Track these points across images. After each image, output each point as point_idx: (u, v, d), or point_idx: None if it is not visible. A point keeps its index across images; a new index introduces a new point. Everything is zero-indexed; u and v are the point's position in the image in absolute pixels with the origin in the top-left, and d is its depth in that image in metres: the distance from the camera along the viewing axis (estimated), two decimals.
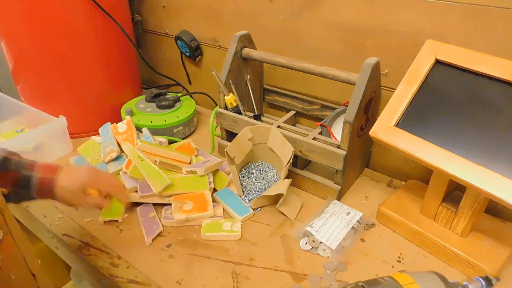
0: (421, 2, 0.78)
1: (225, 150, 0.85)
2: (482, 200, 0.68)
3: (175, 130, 1.08)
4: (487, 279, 0.52)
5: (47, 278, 0.56)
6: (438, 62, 0.72)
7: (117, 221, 0.81)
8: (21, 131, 1.12)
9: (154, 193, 0.83)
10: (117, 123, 1.03)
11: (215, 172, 0.92)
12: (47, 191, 0.69)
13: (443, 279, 0.47)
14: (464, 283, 0.50)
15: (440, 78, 0.71)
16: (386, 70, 0.88)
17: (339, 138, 0.84)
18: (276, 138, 0.87)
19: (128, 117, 1.03)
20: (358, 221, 0.79)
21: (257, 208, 0.85)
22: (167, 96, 1.14)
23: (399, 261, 0.73)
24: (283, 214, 0.83)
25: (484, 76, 0.67)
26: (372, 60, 0.76)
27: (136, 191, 0.86)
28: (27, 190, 0.67)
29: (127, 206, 0.84)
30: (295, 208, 0.85)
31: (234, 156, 0.86)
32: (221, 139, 1.04)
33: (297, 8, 0.96)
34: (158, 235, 0.78)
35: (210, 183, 0.88)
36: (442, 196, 0.74)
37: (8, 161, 0.67)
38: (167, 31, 1.29)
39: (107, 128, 1.02)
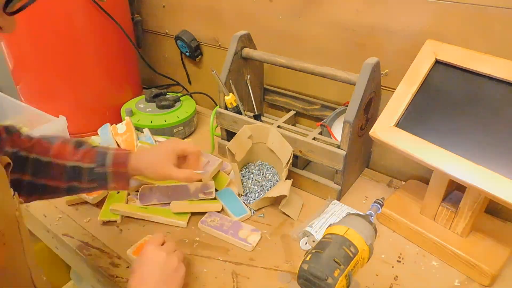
0: (421, 2, 0.78)
1: (226, 146, 0.85)
2: (482, 200, 0.68)
3: (175, 130, 1.08)
4: (379, 202, 0.60)
5: None
6: (438, 62, 0.72)
7: (116, 221, 0.81)
8: None
9: (156, 202, 0.84)
10: (116, 123, 1.03)
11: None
12: (122, 163, 0.67)
13: (360, 215, 0.53)
14: (368, 212, 0.57)
15: (440, 78, 0.71)
16: (386, 70, 0.88)
17: (339, 138, 0.84)
18: (275, 138, 0.87)
19: (127, 118, 1.03)
20: None
21: (261, 214, 0.84)
22: (167, 96, 1.15)
23: (399, 261, 0.73)
24: (285, 214, 0.83)
25: (484, 76, 0.67)
26: (372, 60, 0.76)
27: (137, 191, 0.86)
28: (103, 166, 0.66)
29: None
30: (297, 208, 0.85)
31: (235, 153, 0.86)
32: (221, 139, 1.03)
33: (297, 8, 0.96)
34: None
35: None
36: (442, 196, 0.74)
37: (83, 142, 0.69)
38: (167, 31, 1.29)
39: (106, 129, 1.02)
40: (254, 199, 0.86)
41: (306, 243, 0.75)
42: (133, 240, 0.77)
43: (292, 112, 1.04)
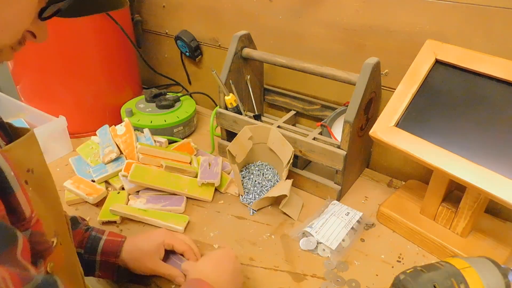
0: (421, 2, 0.78)
1: (227, 148, 0.85)
2: (482, 200, 0.68)
3: (175, 130, 1.08)
4: None
5: None
6: (438, 62, 0.72)
7: (115, 222, 0.81)
8: None
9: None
10: (116, 124, 1.03)
11: None
12: (112, 253, 0.65)
13: (496, 263, 0.47)
14: None
15: (440, 78, 0.71)
16: (386, 70, 0.88)
17: (339, 138, 0.84)
18: (276, 138, 0.87)
19: (126, 119, 1.03)
20: (358, 221, 0.79)
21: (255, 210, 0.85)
22: (167, 96, 1.14)
23: (399, 261, 0.73)
24: (285, 214, 0.83)
25: (484, 76, 0.67)
26: (372, 60, 0.76)
27: (138, 192, 0.87)
28: (92, 252, 0.65)
29: None
30: (297, 208, 0.85)
31: (236, 155, 0.86)
32: (221, 139, 1.03)
33: (297, 8, 0.96)
34: None
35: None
36: (442, 196, 0.74)
37: (78, 222, 0.68)
38: (167, 31, 1.29)
39: (105, 130, 1.02)
40: (254, 199, 0.86)
41: (305, 243, 0.75)
42: None
43: (292, 112, 1.04)
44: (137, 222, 0.81)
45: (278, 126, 0.91)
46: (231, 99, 0.94)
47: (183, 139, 1.09)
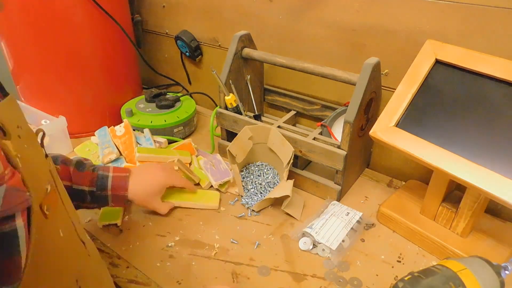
0: (421, 2, 0.78)
1: (227, 148, 0.85)
2: (482, 200, 0.68)
3: (175, 130, 1.08)
4: None
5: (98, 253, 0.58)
6: (438, 62, 0.72)
7: (115, 224, 0.81)
8: None
9: None
10: (116, 124, 1.03)
11: None
12: (121, 188, 0.74)
13: (488, 262, 0.48)
14: (503, 264, 0.50)
15: (440, 78, 0.71)
16: (386, 70, 0.88)
17: (339, 138, 0.84)
18: (276, 138, 0.87)
19: (126, 120, 1.03)
20: (358, 221, 0.79)
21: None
22: (167, 96, 1.14)
23: (399, 261, 0.73)
24: (286, 214, 0.83)
25: (484, 76, 0.67)
26: (372, 60, 0.76)
27: None
28: (103, 190, 0.73)
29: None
30: (299, 207, 0.85)
31: (236, 155, 0.86)
32: (221, 139, 1.03)
33: (297, 8, 0.96)
34: (159, 235, 0.79)
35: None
36: (442, 196, 0.74)
37: (83, 163, 0.74)
38: (167, 31, 1.29)
39: (104, 131, 1.02)
40: (252, 197, 0.86)
41: (305, 243, 0.75)
42: (132, 240, 0.77)
43: (292, 112, 1.04)
44: (137, 221, 0.82)
45: (278, 126, 0.91)
46: (231, 99, 0.94)
47: (183, 139, 1.09)
